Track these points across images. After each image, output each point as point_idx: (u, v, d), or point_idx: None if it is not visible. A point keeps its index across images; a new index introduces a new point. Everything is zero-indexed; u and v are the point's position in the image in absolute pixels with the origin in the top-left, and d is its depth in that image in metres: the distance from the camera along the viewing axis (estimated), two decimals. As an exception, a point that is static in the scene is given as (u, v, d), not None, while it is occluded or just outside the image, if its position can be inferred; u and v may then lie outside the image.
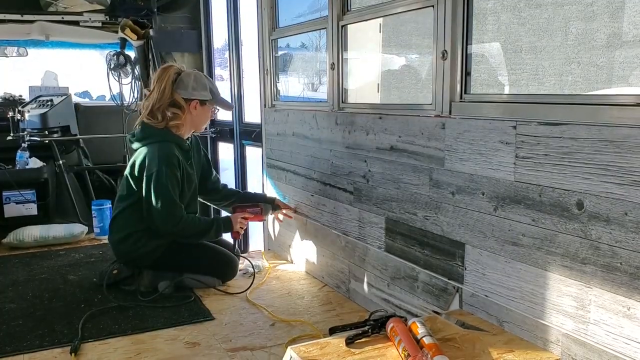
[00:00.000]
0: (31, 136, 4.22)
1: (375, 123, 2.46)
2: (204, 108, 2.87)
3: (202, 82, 2.83)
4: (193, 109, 2.82)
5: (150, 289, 2.82)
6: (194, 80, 2.80)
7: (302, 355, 1.67)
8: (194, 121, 2.87)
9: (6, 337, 2.37)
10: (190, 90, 2.78)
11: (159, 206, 2.70)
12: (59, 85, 5.34)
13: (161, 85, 2.74)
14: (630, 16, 1.90)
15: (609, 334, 1.55)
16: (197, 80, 2.82)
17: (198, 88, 2.81)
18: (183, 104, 2.78)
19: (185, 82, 2.79)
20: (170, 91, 2.76)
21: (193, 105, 2.81)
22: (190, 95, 2.79)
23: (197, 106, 2.82)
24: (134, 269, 2.87)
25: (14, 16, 4.45)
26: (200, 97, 2.82)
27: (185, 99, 2.79)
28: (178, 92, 2.78)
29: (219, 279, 2.94)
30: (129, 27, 4.51)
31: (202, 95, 2.82)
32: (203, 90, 2.83)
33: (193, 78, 2.82)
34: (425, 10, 2.16)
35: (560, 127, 1.64)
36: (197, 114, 2.85)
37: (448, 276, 2.12)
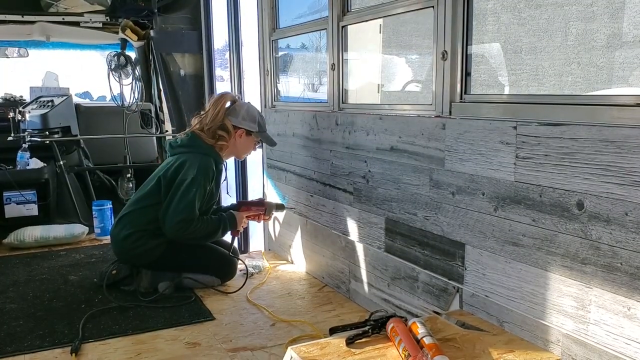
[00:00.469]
0: (32, 137, 4.22)
1: (375, 123, 2.47)
2: (249, 138, 3.00)
3: (252, 114, 2.97)
4: (239, 136, 2.96)
5: (149, 290, 2.83)
6: (246, 111, 2.96)
7: (302, 355, 1.67)
8: (237, 148, 3.02)
9: (7, 337, 2.37)
10: (240, 119, 2.93)
11: (179, 210, 2.74)
12: (59, 85, 5.34)
13: (216, 108, 2.90)
14: (630, 17, 1.90)
15: (609, 334, 1.55)
16: (248, 111, 2.97)
17: (247, 118, 2.95)
18: (231, 129, 2.93)
19: (237, 111, 2.95)
20: (222, 115, 2.91)
21: (239, 133, 2.96)
22: (238, 124, 2.94)
23: (242, 135, 2.97)
24: (133, 269, 2.88)
25: (14, 17, 4.45)
26: (247, 127, 2.95)
27: (234, 125, 2.93)
28: (229, 118, 2.93)
29: (219, 278, 2.97)
30: (129, 28, 4.51)
31: (249, 126, 2.96)
32: (251, 122, 2.96)
33: (245, 108, 2.97)
34: (426, 10, 2.16)
35: (561, 128, 1.64)
36: (241, 142, 2.99)
37: (448, 276, 2.12)
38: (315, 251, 3.08)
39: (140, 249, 2.85)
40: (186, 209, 2.74)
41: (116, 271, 2.89)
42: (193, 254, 2.90)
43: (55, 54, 5.45)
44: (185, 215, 2.74)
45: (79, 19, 4.63)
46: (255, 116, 2.99)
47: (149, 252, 2.85)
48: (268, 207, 3.14)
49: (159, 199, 2.84)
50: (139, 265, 2.88)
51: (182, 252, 2.88)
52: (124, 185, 4.72)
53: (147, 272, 2.86)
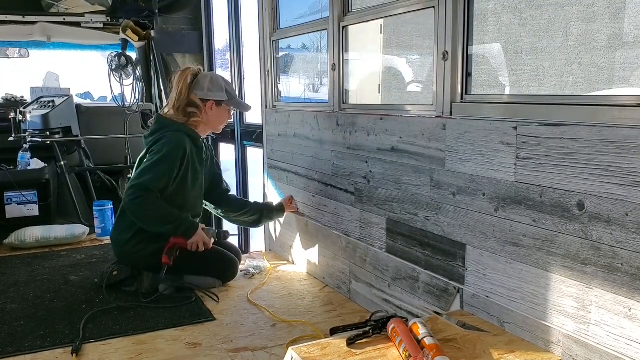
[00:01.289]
0: (33, 137, 4.23)
1: (376, 124, 2.47)
2: (220, 109, 2.92)
3: (217, 84, 2.89)
4: (209, 109, 2.88)
5: (150, 291, 2.82)
6: (210, 82, 2.87)
7: (303, 355, 1.67)
8: (211, 121, 2.93)
9: (8, 338, 2.38)
10: (205, 91, 2.85)
11: (136, 174, 2.70)
12: (60, 86, 5.36)
13: (179, 87, 2.83)
14: (631, 17, 1.90)
15: (610, 335, 1.55)
16: (213, 82, 2.88)
17: (213, 89, 2.87)
18: (200, 103, 2.85)
19: (202, 83, 2.85)
20: (187, 92, 2.83)
21: (209, 106, 2.88)
22: (205, 96, 2.86)
23: (213, 107, 2.88)
24: (134, 271, 2.87)
25: (15, 17, 4.46)
26: (215, 98, 2.88)
27: (202, 99, 2.86)
28: (195, 92, 2.84)
29: (220, 279, 2.96)
30: (130, 28, 4.52)
31: (217, 96, 2.88)
32: (219, 91, 2.88)
33: (209, 79, 2.88)
34: (426, 11, 2.17)
35: (561, 128, 1.64)
36: (213, 115, 2.90)
37: (449, 277, 2.12)
38: (316, 252, 3.08)
39: (141, 252, 2.83)
40: (142, 176, 2.67)
41: (117, 272, 2.88)
42: (194, 256, 2.87)
43: (56, 55, 5.46)
44: (138, 182, 2.65)
45: (80, 20, 4.64)
46: (222, 84, 2.91)
47: (150, 256, 2.81)
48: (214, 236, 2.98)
49: None
50: (140, 267, 2.87)
51: (182, 255, 2.86)
52: (125, 185, 4.71)
53: (149, 273, 2.84)
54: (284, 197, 3.34)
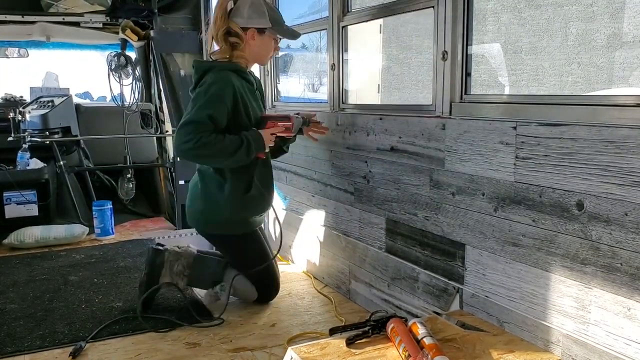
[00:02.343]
0: (32, 137, 4.23)
1: (375, 124, 2.47)
2: (264, 37, 2.60)
3: (258, 8, 2.56)
4: (250, 39, 2.56)
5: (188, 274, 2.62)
6: (249, 7, 2.55)
7: (302, 355, 1.67)
8: (254, 52, 2.61)
9: (7, 338, 2.37)
10: (245, 19, 2.54)
11: (185, 122, 2.38)
12: (59, 86, 5.35)
13: (215, 15, 2.55)
14: (630, 17, 1.91)
15: (610, 335, 1.55)
16: (253, 6, 2.56)
17: (254, 15, 2.55)
18: (240, 32, 2.53)
19: (241, 9, 2.54)
20: (224, 19, 2.52)
21: (250, 35, 2.56)
22: (245, 24, 2.54)
23: (254, 35, 2.57)
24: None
25: (15, 17, 4.45)
26: (256, 25, 2.55)
27: (243, 27, 2.54)
28: (234, 20, 2.53)
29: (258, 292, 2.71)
30: (129, 28, 4.52)
31: (259, 23, 2.56)
32: (260, 17, 2.56)
33: (249, 4, 2.55)
34: (426, 11, 2.17)
35: (560, 128, 1.64)
36: (257, 45, 2.59)
37: (448, 277, 2.12)
38: (316, 251, 3.08)
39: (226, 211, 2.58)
40: (194, 114, 2.38)
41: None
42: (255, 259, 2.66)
43: (55, 54, 5.46)
44: (189, 119, 2.36)
45: (79, 19, 4.64)
46: (264, 10, 2.57)
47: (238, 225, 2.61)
48: (295, 122, 2.68)
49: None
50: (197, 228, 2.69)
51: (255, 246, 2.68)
52: (124, 185, 4.72)
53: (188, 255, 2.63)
54: (289, 202, 3.33)
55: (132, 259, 3.50)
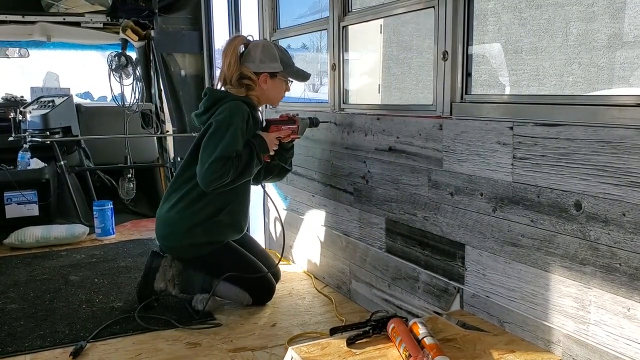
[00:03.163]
0: (33, 137, 4.24)
1: (373, 124, 2.47)
2: (276, 81, 2.65)
3: (270, 53, 2.62)
4: (263, 82, 2.62)
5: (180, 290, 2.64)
6: (261, 52, 2.60)
7: (303, 355, 1.67)
8: (266, 95, 2.67)
9: (8, 338, 2.38)
10: (257, 63, 2.59)
11: (214, 157, 2.39)
12: (60, 86, 5.35)
13: (228, 59, 2.56)
14: (630, 17, 1.91)
15: (610, 335, 1.55)
16: (265, 51, 2.61)
17: (266, 60, 2.60)
18: (253, 76, 2.59)
19: (253, 54, 2.60)
20: (237, 63, 2.57)
21: (262, 79, 2.61)
22: (257, 68, 2.60)
23: (267, 79, 2.62)
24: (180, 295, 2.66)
25: (15, 17, 4.46)
26: (268, 70, 2.61)
27: (255, 72, 2.60)
28: (246, 65, 2.59)
29: (252, 297, 2.69)
30: (130, 28, 4.52)
31: (271, 68, 2.61)
32: (272, 62, 2.61)
33: (261, 49, 2.61)
34: (426, 11, 2.17)
35: (557, 128, 1.64)
36: (269, 87, 2.64)
37: (449, 277, 2.12)
38: (316, 251, 3.08)
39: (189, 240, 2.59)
40: (219, 149, 2.40)
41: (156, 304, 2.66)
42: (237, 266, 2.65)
43: (56, 54, 5.46)
44: (219, 154, 2.38)
45: (80, 19, 4.65)
46: (275, 54, 2.62)
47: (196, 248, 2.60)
48: (301, 123, 2.74)
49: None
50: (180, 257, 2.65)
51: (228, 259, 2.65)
52: (124, 185, 4.73)
53: (178, 263, 2.64)
54: (289, 202, 3.32)
55: (132, 258, 3.51)
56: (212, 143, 2.44)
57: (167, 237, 2.67)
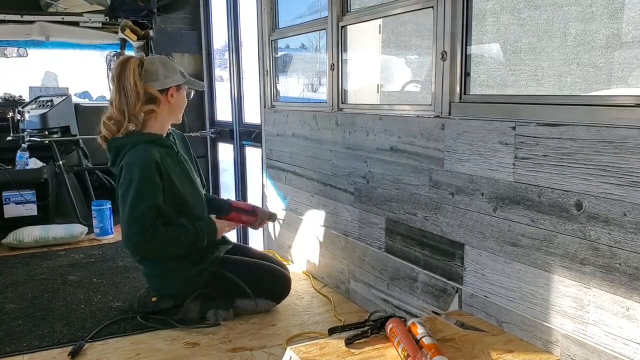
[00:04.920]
0: (31, 136, 4.23)
1: (375, 124, 2.47)
2: (180, 92, 2.52)
3: (170, 66, 2.49)
4: (170, 97, 2.47)
5: (198, 320, 2.49)
6: (163, 67, 2.45)
7: (301, 355, 1.67)
8: (173, 110, 2.51)
9: (6, 337, 2.37)
10: (162, 79, 2.43)
11: (125, 220, 2.30)
12: (59, 85, 5.35)
13: (129, 84, 2.35)
14: (629, 17, 1.91)
15: (608, 335, 1.55)
16: (166, 66, 2.48)
17: (169, 74, 2.46)
18: (159, 96, 2.41)
19: (154, 71, 2.42)
20: (142, 88, 2.37)
21: (170, 94, 2.46)
22: (163, 85, 2.43)
23: (174, 93, 2.47)
24: (178, 298, 2.51)
25: (14, 17, 4.46)
26: (175, 83, 2.47)
27: (160, 90, 2.43)
28: (150, 84, 2.40)
29: (274, 301, 2.65)
30: (129, 28, 4.52)
31: (176, 80, 2.48)
32: (175, 74, 2.49)
33: (160, 65, 2.46)
34: (425, 11, 2.17)
35: (559, 128, 1.65)
36: (176, 101, 2.50)
37: (447, 277, 2.12)
38: (315, 251, 3.08)
39: (180, 281, 2.47)
40: (133, 222, 2.29)
41: (156, 299, 2.52)
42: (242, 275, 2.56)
43: (54, 54, 5.46)
44: (131, 216, 2.28)
45: (79, 19, 4.64)
46: (174, 66, 2.51)
47: (192, 282, 2.48)
48: (260, 216, 2.77)
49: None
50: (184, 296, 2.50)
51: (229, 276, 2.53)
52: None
53: (196, 300, 2.49)
54: (288, 202, 3.33)
55: (131, 258, 3.49)
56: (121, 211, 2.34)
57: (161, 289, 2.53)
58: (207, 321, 2.50)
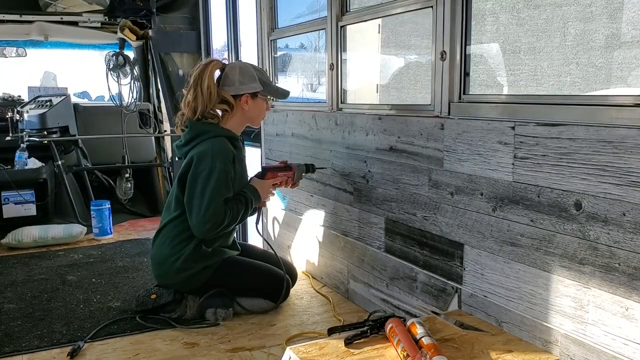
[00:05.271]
0: (30, 136, 4.23)
1: (374, 123, 2.47)
2: (256, 100, 2.61)
3: (248, 73, 2.59)
4: (244, 104, 2.57)
5: (197, 318, 2.53)
6: (240, 73, 2.57)
7: (301, 355, 1.67)
8: (248, 116, 2.63)
9: (5, 338, 2.37)
10: (237, 85, 2.55)
11: (204, 208, 2.39)
12: (57, 85, 5.34)
13: (205, 86, 2.48)
14: (629, 17, 1.91)
15: (607, 335, 1.55)
16: (243, 72, 2.58)
17: (245, 81, 2.56)
18: (232, 101, 2.54)
19: (231, 77, 2.55)
20: (216, 90, 2.51)
21: (243, 101, 2.57)
22: (238, 91, 2.55)
23: (248, 100, 2.57)
24: (176, 294, 2.55)
25: (13, 16, 4.46)
26: (249, 91, 2.57)
27: (234, 95, 2.55)
28: (225, 89, 2.54)
29: (272, 301, 2.65)
30: (128, 28, 4.52)
31: (251, 88, 2.58)
32: (252, 82, 2.58)
33: (238, 70, 2.58)
34: (424, 10, 2.17)
35: (559, 128, 1.65)
36: (250, 109, 2.60)
37: (447, 276, 2.12)
38: (315, 251, 3.08)
39: (186, 272, 2.51)
40: (211, 205, 2.38)
41: (156, 296, 2.56)
42: (243, 275, 2.62)
43: (53, 54, 5.45)
44: (213, 214, 2.39)
45: (78, 19, 4.64)
46: (253, 74, 2.59)
47: (195, 277, 2.53)
48: (297, 170, 2.77)
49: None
50: (184, 291, 2.56)
51: (231, 274, 2.59)
52: (122, 185, 4.72)
53: (195, 298, 2.54)
54: (288, 202, 3.33)
55: (130, 258, 3.50)
56: (200, 190, 2.41)
57: (164, 276, 2.58)
58: (206, 321, 2.50)
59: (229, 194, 2.45)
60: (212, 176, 2.40)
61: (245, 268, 2.65)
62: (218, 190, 2.40)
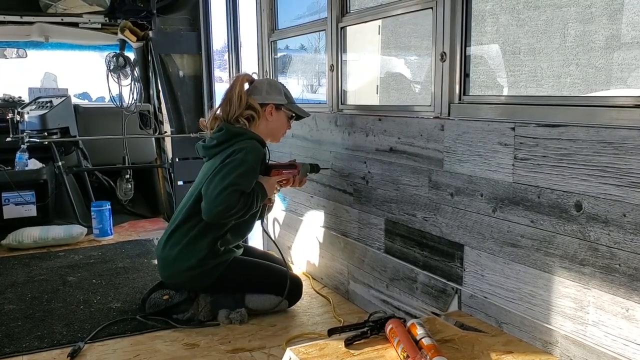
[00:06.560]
0: (30, 137, 4.22)
1: (374, 124, 2.47)
2: (280, 113, 2.70)
3: (275, 86, 2.73)
4: (269, 114, 2.66)
5: (210, 319, 2.53)
6: (268, 85, 2.71)
7: (301, 356, 1.67)
8: (271, 128, 2.70)
9: (5, 338, 2.37)
10: (264, 95, 2.66)
11: (220, 189, 2.38)
12: (58, 86, 5.35)
13: (235, 93, 2.61)
14: (628, 18, 1.91)
15: (608, 335, 1.55)
16: (271, 85, 2.73)
17: (272, 92, 2.69)
18: (259, 108, 2.63)
19: (259, 88, 2.69)
20: (245, 97, 2.63)
21: (269, 110, 2.65)
22: (264, 100, 2.65)
23: (272, 111, 2.67)
24: (190, 294, 2.55)
25: (13, 18, 4.45)
26: (275, 101, 2.67)
27: (260, 103, 2.65)
28: (253, 97, 2.65)
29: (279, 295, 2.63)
30: (128, 29, 4.51)
31: (277, 99, 2.68)
32: (277, 95, 2.70)
33: (267, 83, 2.75)
34: (424, 12, 2.17)
35: (559, 129, 1.65)
36: (274, 120, 2.68)
37: (447, 277, 2.12)
38: (315, 252, 3.08)
39: (197, 270, 2.52)
40: (232, 178, 2.39)
41: (169, 296, 2.55)
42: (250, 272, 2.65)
43: (53, 55, 5.45)
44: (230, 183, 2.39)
45: (78, 20, 4.64)
46: (280, 88, 2.72)
47: (206, 275, 2.53)
48: (302, 168, 2.78)
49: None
50: (193, 289, 2.56)
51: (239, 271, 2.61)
52: (122, 186, 4.72)
53: (207, 296, 2.56)
54: (288, 202, 3.33)
55: (130, 259, 3.50)
56: (224, 173, 2.42)
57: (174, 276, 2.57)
58: (215, 322, 2.51)
59: (247, 189, 2.46)
60: (241, 166, 2.45)
61: (252, 265, 2.68)
62: (240, 180, 2.43)
